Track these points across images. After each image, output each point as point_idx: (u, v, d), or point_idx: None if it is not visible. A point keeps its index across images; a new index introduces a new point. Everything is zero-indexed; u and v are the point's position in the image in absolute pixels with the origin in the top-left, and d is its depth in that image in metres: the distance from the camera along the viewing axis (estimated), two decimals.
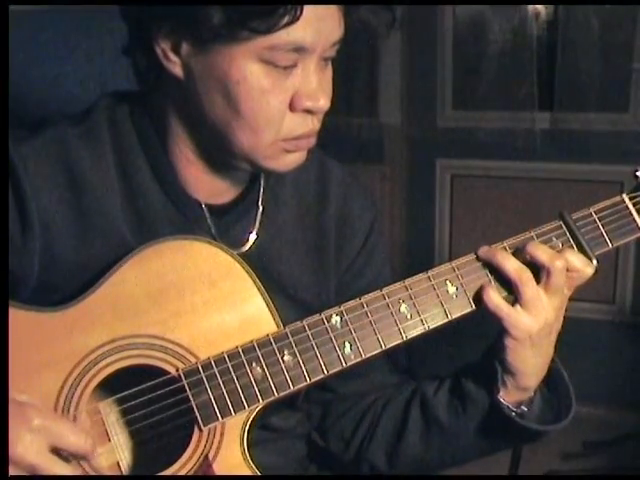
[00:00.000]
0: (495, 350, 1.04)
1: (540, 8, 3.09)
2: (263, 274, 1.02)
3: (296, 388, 0.99)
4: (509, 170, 3.24)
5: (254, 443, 0.99)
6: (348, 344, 1.00)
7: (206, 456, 0.97)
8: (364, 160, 3.25)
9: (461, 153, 3.29)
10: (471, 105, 3.25)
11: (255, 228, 1.13)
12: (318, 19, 0.95)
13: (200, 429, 0.97)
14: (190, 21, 0.94)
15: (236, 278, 1.01)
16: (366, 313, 1.01)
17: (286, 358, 0.98)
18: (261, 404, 0.98)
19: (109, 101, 1.10)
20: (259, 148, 1.01)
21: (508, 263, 1.01)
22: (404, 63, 3.29)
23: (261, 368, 0.98)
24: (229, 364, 0.97)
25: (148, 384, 0.97)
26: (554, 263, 0.99)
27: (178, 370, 0.97)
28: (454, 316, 1.02)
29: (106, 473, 0.98)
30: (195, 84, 0.99)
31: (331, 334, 1.00)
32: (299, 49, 0.96)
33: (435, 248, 3.42)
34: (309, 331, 0.99)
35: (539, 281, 1.00)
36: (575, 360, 1.31)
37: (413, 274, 1.03)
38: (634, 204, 1.06)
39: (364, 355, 1.00)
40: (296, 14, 0.92)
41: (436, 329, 1.02)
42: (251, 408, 0.98)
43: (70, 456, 0.90)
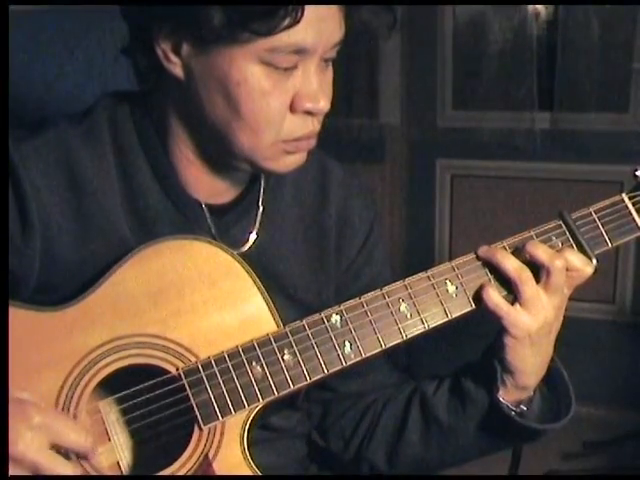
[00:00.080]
0: (495, 349, 1.04)
1: (540, 8, 3.09)
2: (263, 274, 1.02)
3: (296, 387, 0.99)
4: (509, 170, 3.24)
5: (254, 442, 0.99)
6: (348, 343, 1.00)
7: (206, 455, 0.97)
8: (364, 160, 3.25)
9: (461, 153, 3.29)
10: (471, 105, 3.25)
11: (255, 228, 1.13)
12: (319, 21, 0.95)
13: (200, 428, 0.97)
14: (191, 22, 0.94)
15: (236, 278, 1.01)
16: (366, 312, 1.01)
17: (286, 357, 0.99)
18: (261, 403, 0.98)
19: (109, 101, 1.10)
20: (259, 149, 1.01)
21: (508, 262, 1.01)
22: (404, 63, 3.29)
23: (261, 367, 0.98)
24: (229, 363, 0.97)
25: (148, 383, 0.97)
26: (554, 262, 0.99)
27: (178, 369, 0.97)
28: (454, 315, 1.02)
29: (106, 472, 0.98)
30: (195, 85, 0.99)
31: (331, 333, 1.00)
32: (300, 51, 0.96)
33: (435, 248, 3.42)
34: (309, 330, 0.99)
35: (539, 280, 1.01)
36: (575, 360, 1.32)
37: (413, 274, 1.03)
38: (633, 204, 1.06)
39: (364, 354, 1.00)
40: (297, 16, 0.91)
41: (436, 328, 1.02)
42: (251, 407, 0.98)
43: (70, 454, 0.91)
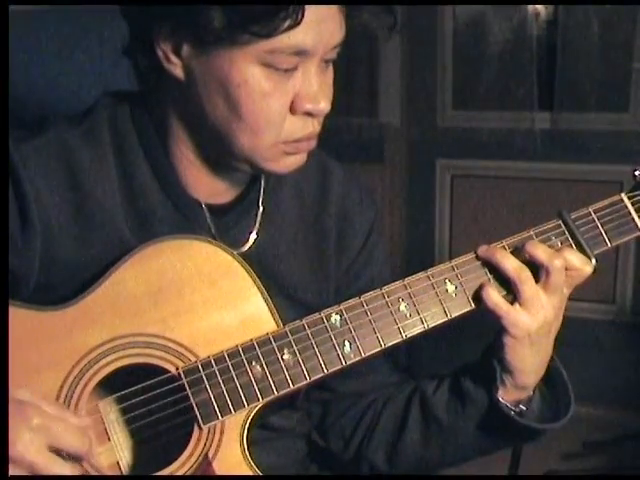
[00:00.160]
0: (494, 349, 1.04)
1: (540, 8, 3.09)
2: (263, 274, 1.02)
3: (296, 387, 0.99)
4: (509, 170, 3.24)
5: (254, 442, 0.99)
6: (348, 343, 1.00)
7: (206, 455, 0.97)
8: (364, 160, 3.24)
9: (461, 153, 3.29)
10: (471, 105, 3.25)
11: (255, 228, 1.13)
12: (319, 22, 0.95)
13: (200, 428, 0.97)
14: (191, 23, 0.94)
15: (236, 277, 1.01)
16: (365, 312, 1.01)
17: (286, 357, 0.99)
18: (261, 403, 0.98)
19: (109, 101, 1.10)
20: (259, 150, 1.01)
21: (507, 262, 1.01)
22: (404, 63, 3.29)
23: (261, 367, 0.98)
24: (229, 363, 0.97)
25: (148, 383, 0.97)
26: (553, 262, 0.99)
27: (178, 369, 0.97)
28: (453, 315, 1.02)
29: (106, 472, 0.98)
30: (196, 86, 0.99)
31: (331, 333, 1.00)
32: (300, 52, 0.96)
33: (435, 248, 3.42)
34: (309, 330, 0.99)
35: (538, 280, 1.01)
36: (575, 360, 1.32)
37: (413, 274, 1.03)
38: (633, 203, 1.06)
39: (364, 354, 1.00)
40: (297, 18, 0.91)
41: (435, 328, 1.03)
42: (251, 407, 0.98)
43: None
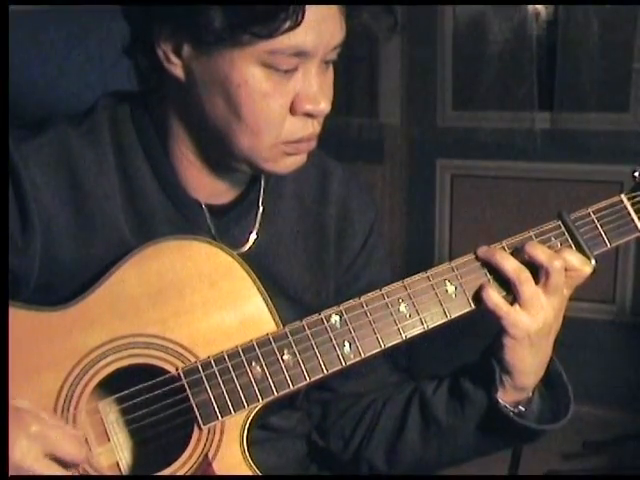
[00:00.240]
0: (493, 349, 1.04)
1: (540, 8, 3.09)
2: (263, 274, 1.02)
3: (296, 387, 0.99)
4: (509, 170, 3.24)
5: (254, 442, 0.99)
6: (347, 343, 1.00)
7: (206, 455, 0.97)
8: (364, 160, 3.24)
9: (461, 153, 3.29)
10: (471, 105, 3.25)
11: (255, 228, 1.13)
12: (319, 23, 0.95)
13: (200, 428, 0.97)
14: (192, 24, 0.94)
15: (236, 278, 1.01)
16: (365, 313, 1.01)
17: (286, 357, 0.99)
18: (261, 403, 0.98)
19: (110, 101, 1.10)
20: (259, 151, 1.01)
21: (507, 263, 1.01)
22: (404, 63, 3.29)
23: (261, 367, 0.98)
24: (229, 363, 0.98)
25: (148, 383, 0.97)
26: (552, 263, 0.99)
27: (178, 369, 0.97)
28: (453, 315, 1.02)
29: (105, 473, 0.98)
30: (196, 86, 0.99)
31: (330, 333, 1.00)
32: (300, 53, 0.96)
33: (435, 248, 3.42)
34: (308, 330, 0.99)
35: (538, 281, 1.01)
36: (575, 360, 1.32)
37: (413, 274, 1.03)
38: (632, 204, 1.06)
39: (363, 354, 1.00)
40: (298, 19, 0.91)
41: (435, 329, 1.03)
42: (251, 407, 0.98)
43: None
